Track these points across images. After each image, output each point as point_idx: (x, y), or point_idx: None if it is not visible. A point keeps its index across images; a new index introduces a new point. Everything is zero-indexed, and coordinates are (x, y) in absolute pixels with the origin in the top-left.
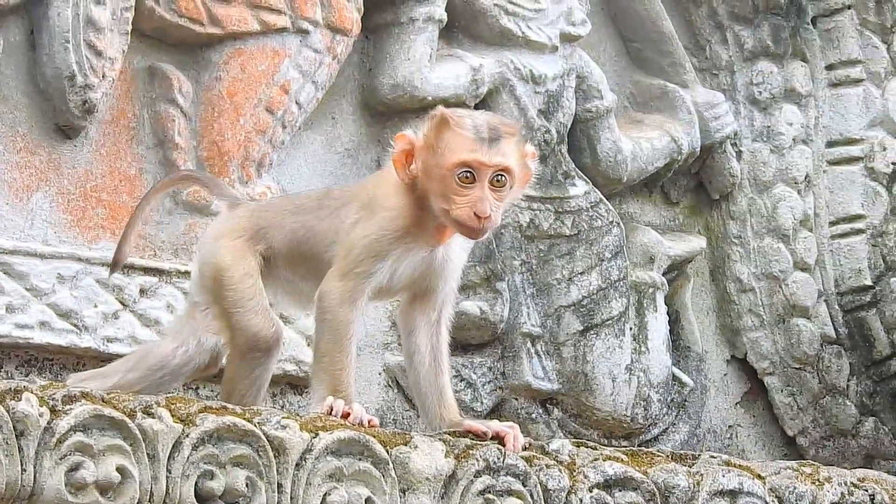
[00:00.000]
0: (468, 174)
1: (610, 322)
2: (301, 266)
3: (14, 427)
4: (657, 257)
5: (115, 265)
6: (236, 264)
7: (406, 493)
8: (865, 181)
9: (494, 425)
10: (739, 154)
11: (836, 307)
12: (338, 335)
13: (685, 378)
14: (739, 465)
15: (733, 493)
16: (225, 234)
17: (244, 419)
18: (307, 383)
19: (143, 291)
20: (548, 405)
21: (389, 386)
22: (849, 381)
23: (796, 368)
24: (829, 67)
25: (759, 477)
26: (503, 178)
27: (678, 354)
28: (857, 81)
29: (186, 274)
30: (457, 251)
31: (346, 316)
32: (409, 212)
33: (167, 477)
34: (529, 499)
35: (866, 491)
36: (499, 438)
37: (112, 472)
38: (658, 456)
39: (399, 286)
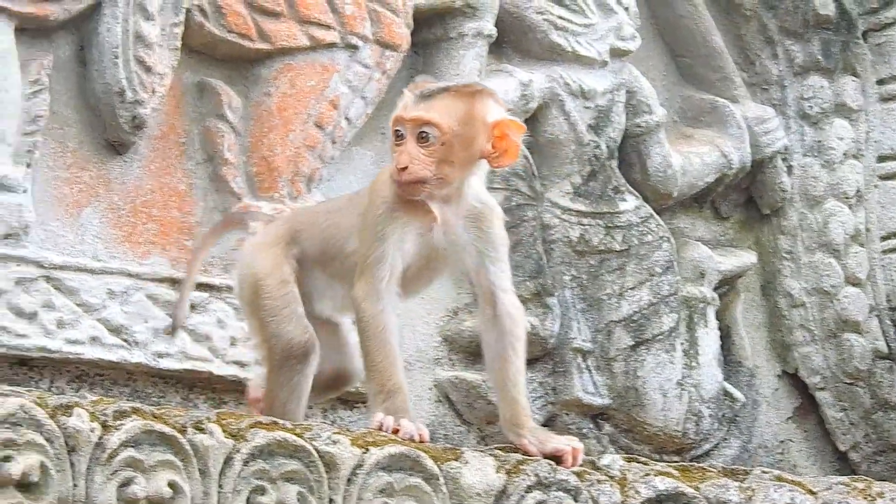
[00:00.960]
0: (399, 132)
1: (661, 337)
2: (330, 265)
3: (66, 442)
4: (708, 272)
5: (174, 327)
6: (273, 272)
7: None
8: None
9: (551, 445)
10: (790, 169)
11: (888, 322)
12: (371, 331)
13: (736, 393)
14: (791, 481)
15: None
16: (262, 245)
17: (295, 434)
18: (357, 398)
19: (193, 307)
20: (598, 420)
21: (440, 401)
22: None
23: (848, 383)
24: (880, 82)
25: (811, 492)
26: (425, 132)
27: (729, 369)
28: None
29: None
30: (460, 232)
31: (373, 308)
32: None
33: (219, 492)
34: None
35: None
36: (555, 458)
37: (164, 487)
38: (709, 471)
39: (414, 270)
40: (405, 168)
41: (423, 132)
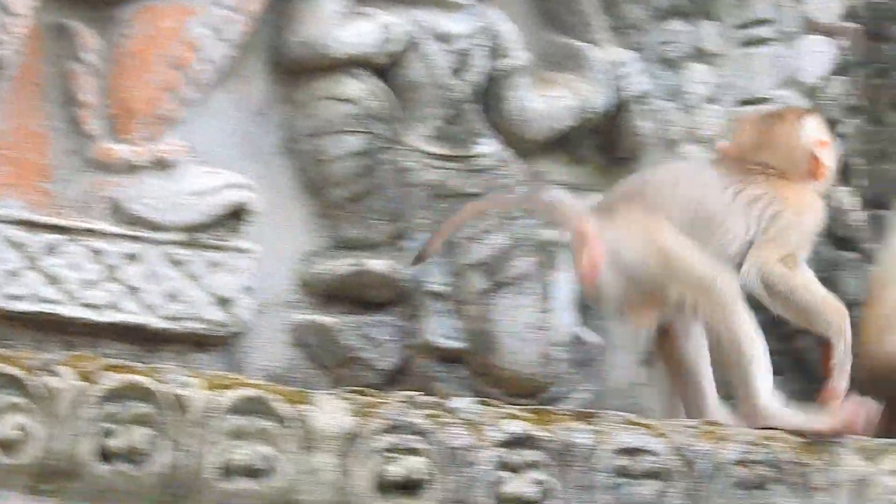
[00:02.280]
0: None
1: (515, 280)
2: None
3: None
4: None
5: (418, 258)
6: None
7: (310, 450)
8: None
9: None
10: (648, 113)
11: None
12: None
13: (590, 337)
14: (642, 423)
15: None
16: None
17: (145, 377)
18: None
19: (49, 249)
20: (452, 364)
21: (295, 345)
22: None
23: None
24: (740, 27)
25: (662, 434)
26: None
27: (584, 314)
28: (767, 41)
29: (91, 232)
30: None
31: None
32: None
33: (69, 436)
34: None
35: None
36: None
37: (12, 430)
38: (561, 414)
39: None
40: None
41: None
